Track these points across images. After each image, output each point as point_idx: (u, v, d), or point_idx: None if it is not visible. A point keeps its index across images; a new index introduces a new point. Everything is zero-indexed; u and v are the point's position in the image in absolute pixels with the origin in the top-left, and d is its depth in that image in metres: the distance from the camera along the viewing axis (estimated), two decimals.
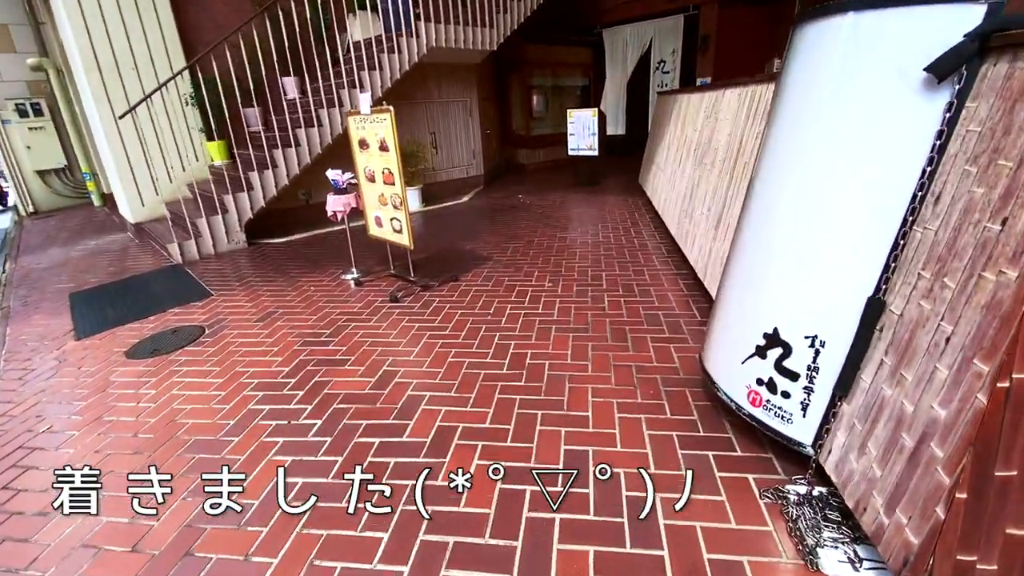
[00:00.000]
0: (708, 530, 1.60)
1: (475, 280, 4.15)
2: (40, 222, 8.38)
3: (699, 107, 4.31)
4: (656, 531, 1.61)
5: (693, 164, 4.15)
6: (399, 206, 3.73)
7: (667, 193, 5.10)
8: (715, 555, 1.52)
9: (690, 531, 1.60)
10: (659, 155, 6.11)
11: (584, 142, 8.57)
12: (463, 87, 8.51)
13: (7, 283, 5.15)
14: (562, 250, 4.86)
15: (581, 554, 1.55)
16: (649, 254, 4.56)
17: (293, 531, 1.72)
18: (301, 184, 6.25)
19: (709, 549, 1.54)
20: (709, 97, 4.01)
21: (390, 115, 3.42)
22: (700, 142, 4.06)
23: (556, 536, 1.62)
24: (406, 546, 1.63)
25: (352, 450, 2.12)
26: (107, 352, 3.30)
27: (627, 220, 5.88)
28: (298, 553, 1.63)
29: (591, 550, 1.56)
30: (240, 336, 3.35)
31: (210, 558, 1.65)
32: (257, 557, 1.63)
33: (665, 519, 1.66)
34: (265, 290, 4.22)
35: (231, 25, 5.66)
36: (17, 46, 8.19)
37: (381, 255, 4.75)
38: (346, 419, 2.33)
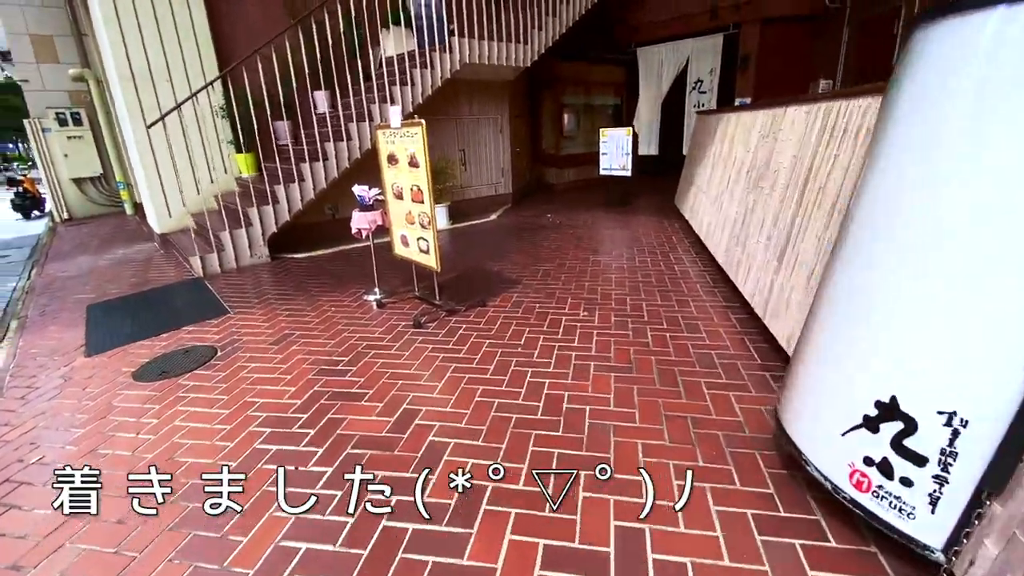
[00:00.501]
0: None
1: (504, 306, 3.86)
2: (73, 229, 8.47)
3: (751, 126, 3.99)
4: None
5: (745, 187, 3.82)
6: (427, 225, 3.49)
7: (711, 217, 4.76)
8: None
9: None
10: (700, 176, 5.78)
11: (617, 162, 8.30)
12: (495, 104, 8.36)
13: (30, 291, 5.09)
14: (596, 275, 4.55)
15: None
16: (692, 283, 4.21)
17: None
18: (327, 199, 6.11)
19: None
20: (765, 116, 3.69)
21: (421, 129, 3.20)
22: (754, 164, 3.73)
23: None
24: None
25: (365, 516, 1.82)
26: (114, 372, 3.11)
27: (664, 243, 5.54)
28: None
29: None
30: (253, 360, 3.12)
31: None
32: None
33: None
34: (283, 309, 4.01)
35: (266, 38, 5.61)
36: (61, 57, 8.40)
37: (406, 275, 4.52)
38: (360, 470, 2.04)
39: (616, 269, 4.71)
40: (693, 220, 5.64)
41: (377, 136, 3.73)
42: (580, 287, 4.24)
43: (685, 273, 4.49)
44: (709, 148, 5.55)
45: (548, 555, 1.59)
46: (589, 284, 4.30)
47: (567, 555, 1.59)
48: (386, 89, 5.93)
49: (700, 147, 6.14)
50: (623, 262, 4.94)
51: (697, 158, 6.21)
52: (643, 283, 4.26)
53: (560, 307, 3.79)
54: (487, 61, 6.83)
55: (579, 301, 3.90)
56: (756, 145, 3.77)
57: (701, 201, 5.40)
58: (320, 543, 1.69)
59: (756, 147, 3.76)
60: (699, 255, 5.00)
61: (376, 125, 3.73)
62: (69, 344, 3.60)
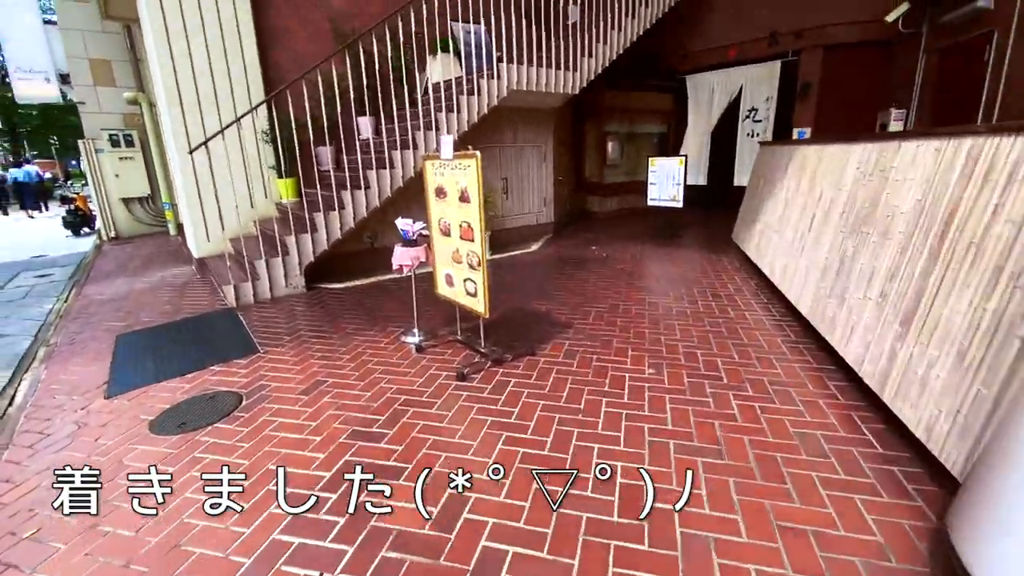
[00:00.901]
0: None
1: (555, 356, 3.44)
2: (118, 248, 8.56)
3: (844, 161, 3.52)
4: None
5: (838, 230, 3.33)
6: (476, 266, 3.14)
7: (787, 259, 4.25)
8: None
9: None
10: (767, 212, 5.29)
11: (666, 192, 7.86)
12: (539, 132, 8.10)
13: (64, 314, 4.98)
14: (656, 321, 4.09)
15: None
16: (770, 335, 3.70)
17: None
18: (367, 227, 5.89)
19: None
20: (865, 151, 3.22)
21: (475, 162, 2.88)
22: (850, 204, 3.25)
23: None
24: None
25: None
26: (131, 419, 2.82)
27: (727, 286, 5.03)
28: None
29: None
30: (279, 414, 2.79)
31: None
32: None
33: None
34: (316, 349, 3.70)
35: (313, 63, 5.51)
36: (117, 80, 8.64)
37: (447, 314, 4.18)
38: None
39: (678, 314, 4.23)
40: (760, 260, 5.12)
41: (425, 167, 3.44)
42: (639, 335, 3.79)
43: (759, 323, 3.98)
44: (779, 183, 5.07)
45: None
46: (650, 332, 3.84)
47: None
48: (432, 116, 5.71)
49: (766, 181, 5.65)
50: (684, 305, 4.47)
51: (762, 192, 5.72)
52: (712, 333, 3.78)
53: (620, 360, 3.34)
54: (535, 88, 6.57)
55: (641, 353, 3.44)
56: (854, 183, 3.28)
57: (770, 240, 4.90)
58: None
59: (853, 185, 3.28)
60: (771, 301, 4.47)
61: (424, 155, 3.44)
62: (91, 381, 3.37)
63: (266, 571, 1.73)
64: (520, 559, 1.74)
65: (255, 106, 4.87)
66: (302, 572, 1.71)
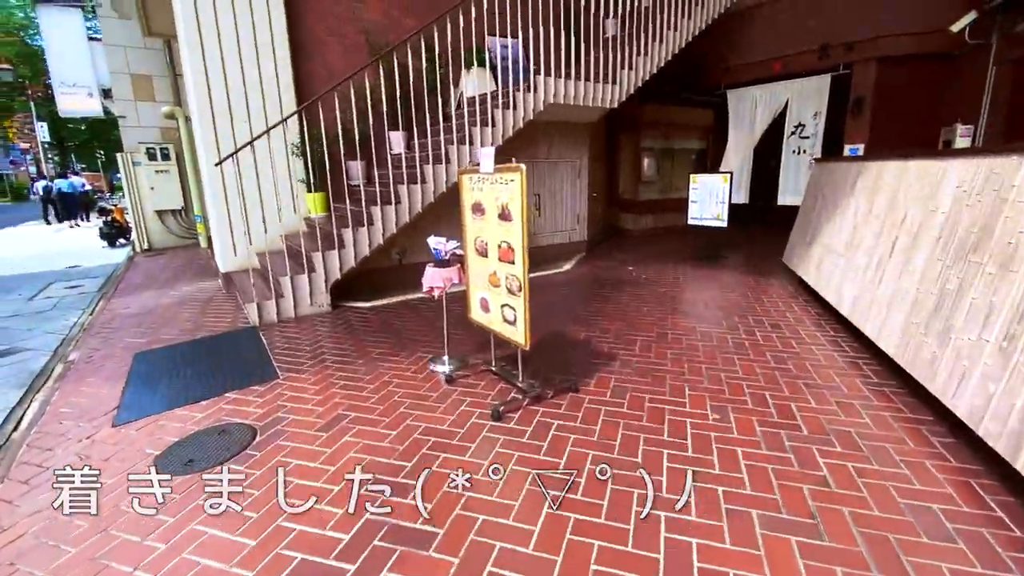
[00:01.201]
0: None
1: (601, 393, 3.07)
2: (150, 260, 8.58)
3: (939, 178, 3.08)
4: None
5: (935, 258, 2.89)
6: (516, 291, 2.81)
7: (860, 289, 3.80)
8: None
9: None
10: (828, 234, 4.83)
11: (709, 210, 7.45)
12: (574, 147, 7.82)
13: (88, 328, 4.86)
14: (711, 354, 3.68)
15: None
16: (848, 377, 3.24)
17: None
18: (395, 243, 5.65)
19: None
20: (967, 167, 2.79)
21: (520, 176, 2.57)
22: (951, 229, 2.81)
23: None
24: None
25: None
26: (137, 452, 2.57)
27: (784, 314, 4.58)
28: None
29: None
30: (295, 454, 2.49)
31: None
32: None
33: None
34: (339, 377, 3.42)
35: (346, 79, 5.38)
36: (157, 95, 8.76)
37: (480, 338, 3.87)
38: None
39: (735, 346, 3.81)
40: (822, 287, 4.65)
41: (461, 181, 3.15)
42: (695, 371, 3.38)
43: (830, 360, 3.53)
44: (843, 202, 4.62)
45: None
46: (707, 367, 3.43)
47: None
48: (465, 130, 5.48)
49: (825, 200, 5.20)
50: (740, 335, 4.04)
51: (820, 213, 5.26)
52: (779, 371, 3.34)
53: (677, 402, 2.95)
54: (572, 101, 6.30)
55: (700, 394, 3.04)
56: (952, 204, 2.85)
57: (834, 266, 4.44)
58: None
59: (953, 207, 2.84)
60: (839, 333, 4.01)
61: (461, 169, 3.16)
62: (101, 405, 3.15)
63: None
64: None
65: (286, 117, 4.72)
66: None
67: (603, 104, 6.70)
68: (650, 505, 2.03)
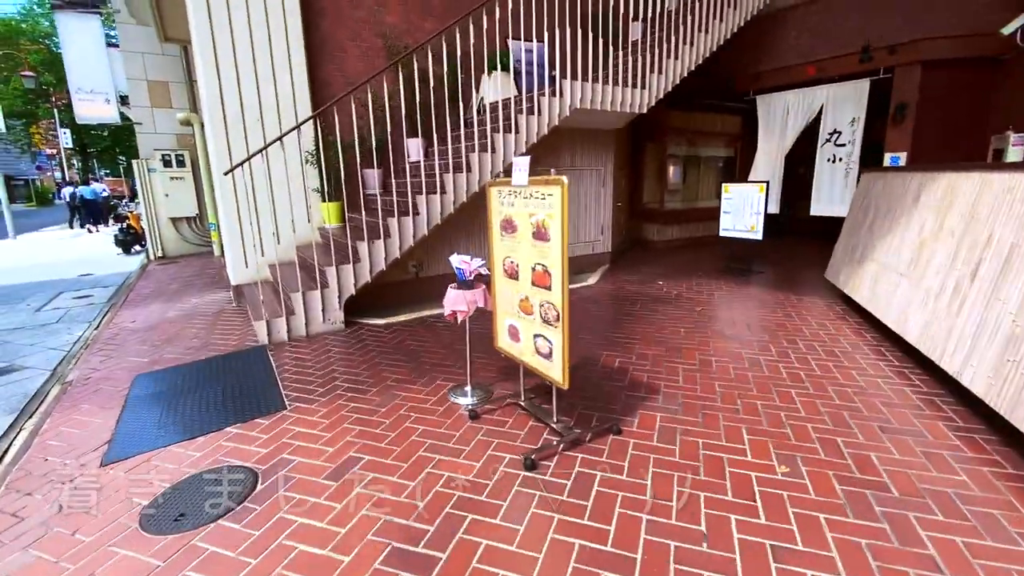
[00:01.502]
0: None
1: (647, 435, 2.70)
2: (162, 268, 8.41)
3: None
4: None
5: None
6: (554, 321, 2.47)
7: (931, 315, 3.38)
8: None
9: None
10: (883, 251, 4.41)
11: (743, 221, 7.05)
12: (598, 154, 7.48)
13: (91, 344, 4.62)
14: (764, 386, 3.28)
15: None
16: (928, 420, 2.83)
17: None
18: (412, 256, 5.36)
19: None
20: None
21: (561, 190, 2.24)
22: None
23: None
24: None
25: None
26: (122, 504, 2.26)
27: (837, 339, 4.16)
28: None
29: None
30: (299, 508, 2.16)
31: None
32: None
33: None
34: (351, 408, 3.10)
35: (365, 88, 5.12)
36: (173, 102, 8.63)
37: (503, 363, 3.54)
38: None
39: (790, 377, 3.41)
40: (880, 310, 4.23)
41: (489, 194, 2.83)
42: (750, 408, 3.00)
43: (903, 397, 3.11)
44: (904, 217, 4.20)
45: None
46: (762, 404, 3.04)
47: None
48: (488, 136, 5.17)
49: (879, 213, 4.78)
50: (793, 364, 3.64)
51: (873, 227, 4.84)
52: (847, 410, 2.94)
53: (735, 448, 2.57)
54: (599, 106, 5.96)
55: (761, 438, 2.66)
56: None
57: (895, 287, 4.02)
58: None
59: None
60: (904, 363, 3.58)
61: (490, 180, 2.83)
62: (93, 437, 2.87)
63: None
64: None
65: (300, 123, 4.45)
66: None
67: (630, 109, 6.36)
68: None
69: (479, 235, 6.14)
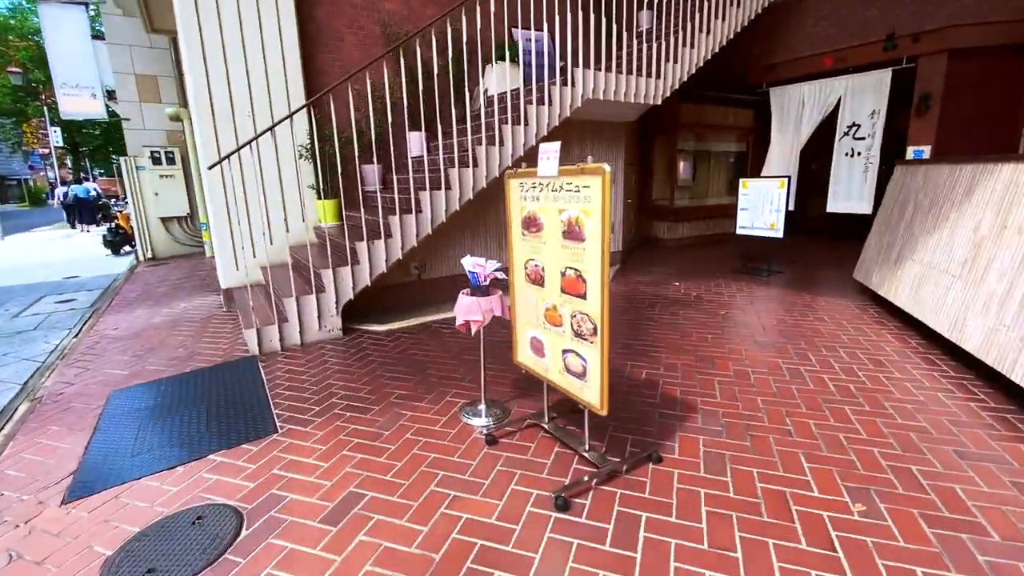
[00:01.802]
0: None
1: (691, 464, 2.35)
2: (150, 270, 8.03)
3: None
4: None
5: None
6: (590, 337, 2.11)
7: (999, 323, 3.03)
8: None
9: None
10: (931, 251, 4.06)
11: (762, 219, 6.70)
12: (609, 149, 7.13)
13: (67, 354, 4.26)
14: (812, 402, 2.94)
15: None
16: (1009, 443, 2.48)
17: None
18: (414, 256, 5.00)
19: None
20: None
21: (601, 181, 1.88)
22: None
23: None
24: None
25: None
26: (83, 553, 1.91)
27: (880, 346, 3.82)
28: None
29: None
30: (289, 563, 1.81)
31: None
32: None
33: None
34: (352, 431, 2.74)
35: (363, 80, 4.76)
36: (163, 97, 8.24)
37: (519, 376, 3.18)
38: None
39: (840, 392, 3.07)
40: (929, 315, 3.88)
41: (509, 187, 2.47)
42: (802, 429, 2.65)
43: (972, 415, 2.77)
44: (954, 213, 3.86)
45: None
46: (816, 424, 2.69)
47: None
48: (495, 128, 4.81)
49: (920, 209, 4.43)
50: (839, 376, 3.29)
51: (913, 224, 4.50)
52: (914, 432, 2.60)
53: (797, 480, 2.21)
54: (612, 97, 5.60)
55: (823, 467, 2.31)
56: None
57: (946, 290, 3.67)
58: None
59: None
60: (963, 374, 3.24)
61: (508, 172, 2.47)
62: (58, 466, 2.52)
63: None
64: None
65: (293, 112, 4.07)
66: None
67: (645, 100, 6.01)
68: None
69: (484, 234, 5.79)
